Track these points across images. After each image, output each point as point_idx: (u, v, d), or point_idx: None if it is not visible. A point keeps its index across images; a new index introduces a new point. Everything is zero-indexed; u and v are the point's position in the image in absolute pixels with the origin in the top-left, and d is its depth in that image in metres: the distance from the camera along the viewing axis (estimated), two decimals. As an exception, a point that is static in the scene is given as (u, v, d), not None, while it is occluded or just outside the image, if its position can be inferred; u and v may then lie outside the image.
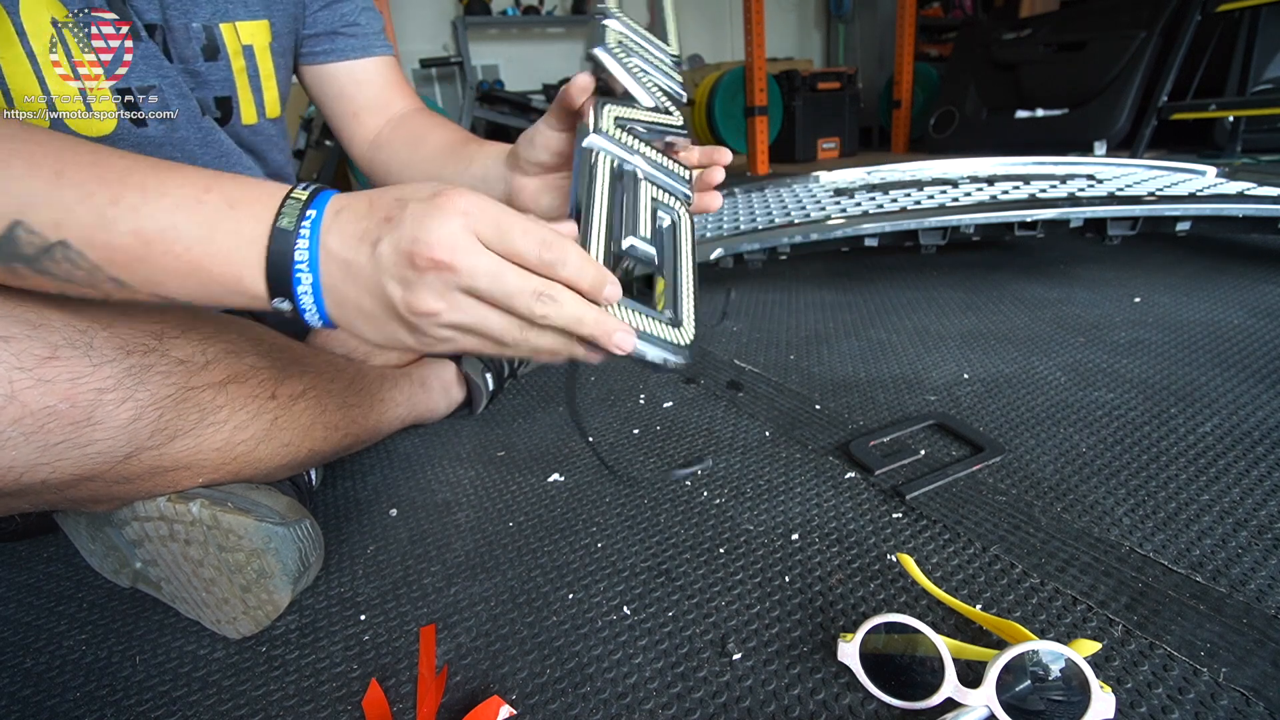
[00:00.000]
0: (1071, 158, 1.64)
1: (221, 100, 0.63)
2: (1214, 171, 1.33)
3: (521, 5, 3.79)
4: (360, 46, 0.72)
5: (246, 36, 0.62)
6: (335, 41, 0.71)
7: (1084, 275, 1.21)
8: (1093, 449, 0.63)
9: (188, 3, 0.58)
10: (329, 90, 0.74)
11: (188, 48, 0.59)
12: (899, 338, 0.96)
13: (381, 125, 0.75)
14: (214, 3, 0.59)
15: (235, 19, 0.61)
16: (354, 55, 0.72)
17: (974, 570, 0.49)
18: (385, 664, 0.45)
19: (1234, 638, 0.41)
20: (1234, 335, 0.87)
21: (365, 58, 0.73)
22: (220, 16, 0.60)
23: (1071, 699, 0.35)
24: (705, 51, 4.35)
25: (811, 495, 0.60)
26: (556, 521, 0.60)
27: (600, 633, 0.46)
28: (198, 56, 0.59)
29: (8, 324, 0.38)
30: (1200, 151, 2.25)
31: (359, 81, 0.73)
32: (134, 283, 0.37)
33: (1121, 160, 1.55)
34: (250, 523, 0.46)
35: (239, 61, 0.62)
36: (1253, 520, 0.52)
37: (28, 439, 0.37)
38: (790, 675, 0.41)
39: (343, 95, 0.73)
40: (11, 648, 0.50)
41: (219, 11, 0.60)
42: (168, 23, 0.57)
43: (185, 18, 0.58)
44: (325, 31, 0.70)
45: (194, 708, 0.43)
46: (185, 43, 0.58)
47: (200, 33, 0.59)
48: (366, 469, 0.72)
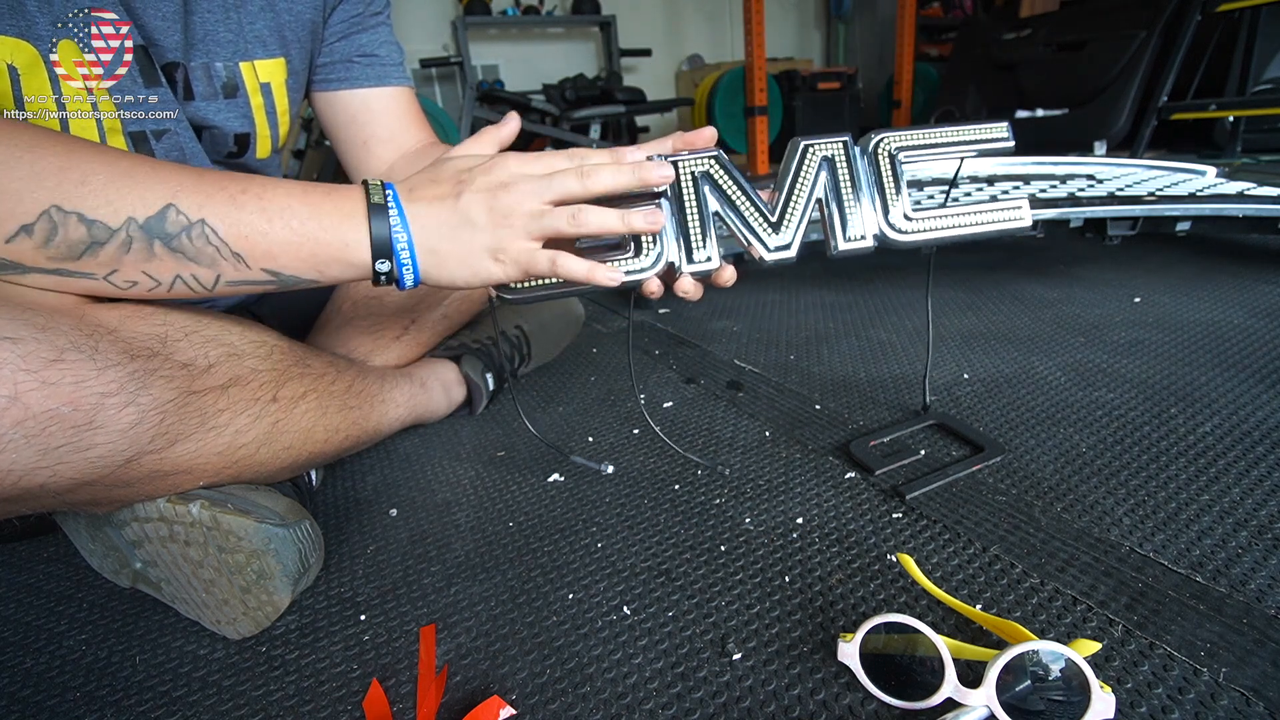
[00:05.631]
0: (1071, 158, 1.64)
1: (240, 137, 0.63)
2: (1214, 171, 1.33)
3: (521, 5, 3.79)
4: (376, 75, 0.71)
5: (265, 75, 0.62)
6: (350, 69, 0.70)
7: (1084, 275, 1.21)
8: (1093, 449, 0.63)
9: (210, 43, 0.58)
10: (340, 117, 0.72)
11: (208, 86, 0.59)
12: (899, 338, 0.96)
13: (395, 158, 0.73)
14: (234, 43, 0.59)
15: (254, 58, 0.61)
16: (369, 84, 0.71)
17: (974, 570, 0.49)
18: (385, 664, 0.45)
19: (1234, 638, 0.41)
20: (1234, 335, 0.87)
21: (381, 86, 0.71)
22: (240, 56, 0.60)
23: (1071, 699, 0.35)
24: (705, 51, 4.35)
25: (811, 495, 0.60)
26: (556, 521, 0.60)
27: (600, 633, 0.46)
28: (218, 95, 0.60)
29: (16, 326, 0.38)
30: (1200, 151, 2.24)
31: (373, 110, 0.72)
32: (252, 256, 0.44)
33: (1121, 160, 1.55)
34: (250, 524, 0.46)
35: (257, 99, 0.62)
36: (1253, 520, 0.52)
37: (29, 441, 0.37)
38: (790, 675, 0.42)
39: (354, 122, 0.72)
40: (11, 648, 0.50)
41: (239, 51, 0.60)
42: (189, 62, 0.57)
43: (207, 58, 0.58)
44: (341, 59, 0.69)
45: (194, 708, 0.43)
46: (206, 81, 0.59)
47: (221, 72, 0.59)
48: (366, 469, 0.72)
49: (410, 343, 0.76)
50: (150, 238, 0.42)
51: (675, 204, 0.51)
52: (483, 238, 0.46)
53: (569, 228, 0.47)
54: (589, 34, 4.11)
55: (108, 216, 0.41)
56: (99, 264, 0.42)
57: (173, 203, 0.42)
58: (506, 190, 0.46)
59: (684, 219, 0.51)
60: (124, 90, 0.54)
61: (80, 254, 0.41)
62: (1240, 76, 2.07)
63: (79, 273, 0.42)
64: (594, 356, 1.00)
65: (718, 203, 0.52)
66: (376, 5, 0.71)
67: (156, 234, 0.42)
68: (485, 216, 0.46)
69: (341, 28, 0.68)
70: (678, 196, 0.51)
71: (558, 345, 0.97)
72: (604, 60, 4.06)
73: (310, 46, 0.67)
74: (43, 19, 0.49)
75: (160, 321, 0.46)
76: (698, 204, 0.51)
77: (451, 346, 0.80)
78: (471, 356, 0.79)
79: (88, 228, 0.40)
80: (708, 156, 0.52)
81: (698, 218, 0.51)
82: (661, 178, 0.48)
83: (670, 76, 4.37)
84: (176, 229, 0.42)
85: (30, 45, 0.48)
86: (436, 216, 0.46)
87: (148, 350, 0.43)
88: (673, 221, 0.51)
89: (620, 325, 1.14)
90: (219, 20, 0.58)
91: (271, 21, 0.62)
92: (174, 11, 0.55)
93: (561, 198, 0.47)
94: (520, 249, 0.47)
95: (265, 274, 0.46)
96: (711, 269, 0.52)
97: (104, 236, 0.41)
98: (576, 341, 1.05)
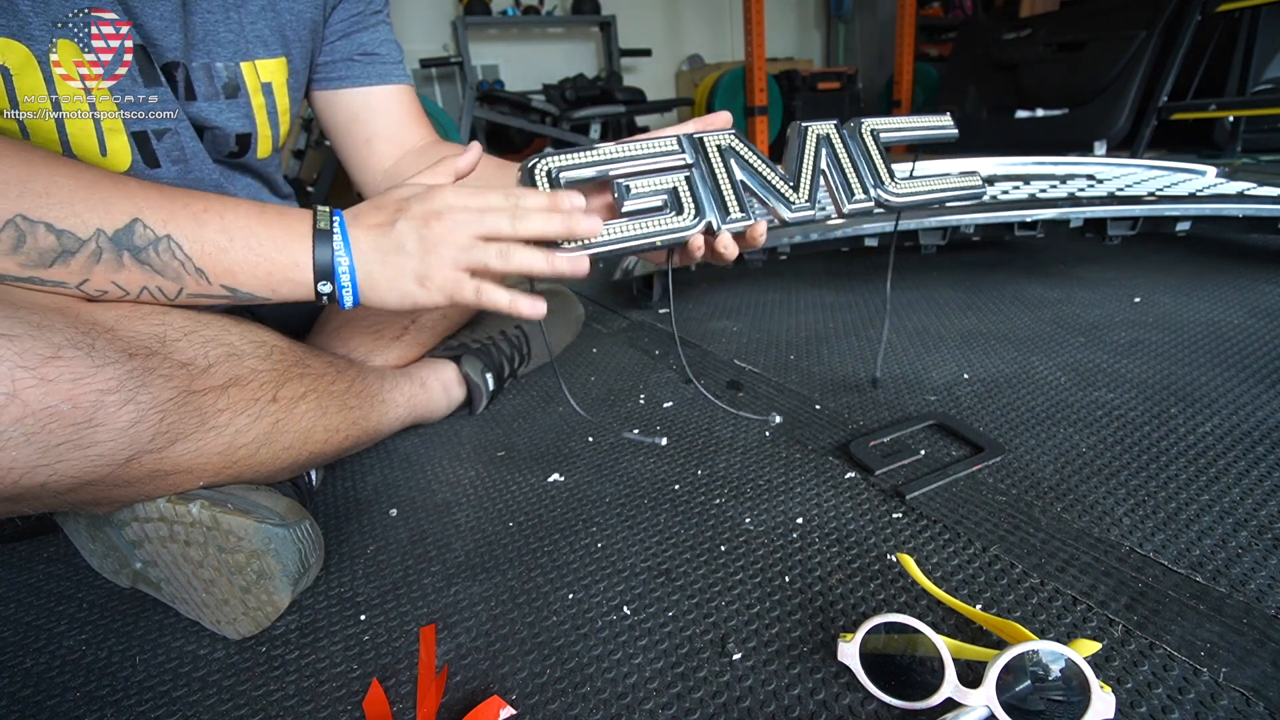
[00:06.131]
0: (1071, 158, 1.64)
1: (241, 137, 0.63)
2: (1214, 171, 1.33)
3: (521, 5, 3.79)
4: (378, 74, 0.71)
5: (266, 75, 0.62)
6: (351, 68, 0.70)
7: (1084, 275, 1.21)
8: (1093, 449, 0.63)
9: (211, 43, 0.58)
10: (341, 116, 0.72)
11: (209, 86, 0.59)
12: (899, 338, 0.96)
13: (397, 155, 0.73)
14: (236, 43, 0.59)
15: (255, 58, 0.61)
16: (370, 82, 0.71)
17: (974, 570, 0.49)
18: (385, 664, 0.45)
19: (1234, 638, 0.41)
20: (1234, 335, 0.87)
21: (382, 85, 0.71)
22: (242, 56, 0.60)
23: (1071, 699, 0.35)
24: (705, 51, 4.35)
25: (811, 495, 0.60)
26: (556, 521, 0.60)
27: (600, 633, 0.46)
28: (218, 95, 0.60)
29: (12, 323, 0.38)
30: (1200, 151, 2.24)
31: (373, 109, 0.72)
32: (213, 273, 0.46)
33: (1121, 160, 1.55)
34: (250, 524, 0.46)
35: (258, 99, 0.62)
36: (1253, 520, 0.52)
37: (29, 439, 0.37)
38: (790, 675, 0.42)
39: (356, 120, 0.72)
40: (11, 648, 0.50)
41: (240, 51, 0.60)
42: (190, 62, 0.57)
43: (209, 58, 0.58)
44: (342, 58, 0.69)
45: (194, 708, 0.43)
46: (207, 81, 0.59)
47: (222, 72, 0.59)
48: (366, 469, 0.72)
49: (410, 343, 0.76)
50: (119, 249, 0.43)
51: (707, 172, 0.56)
52: (411, 263, 0.49)
53: (497, 263, 0.49)
54: (589, 34, 4.11)
55: (75, 227, 0.42)
56: (70, 272, 0.43)
57: (139, 217, 0.43)
58: (439, 219, 0.48)
59: (717, 185, 0.56)
60: (124, 90, 0.53)
61: (51, 262, 0.42)
62: (1240, 76, 2.07)
63: (52, 280, 0.43)
64: (594, 356, 1.00)
65: (742, 172, 0.57)
66: (376, 4, 0.71)
67: (125, 246, 0.43)
68: (415, 244, 0.48)
69: (342, 26, 0.68)
70: (708, 165, 0.56)
71: (558, 345, 0.97)
72: (604, 60, 4.06)
73: (311, 45, 0.67)
74: (37, 19, 0.48)
75: (159, 321, 0.46)
76: (726, 172, 0.56)
77: (451, 346, 0.80)
78: (471, 356, 0.79)
79: (57, 237, 0.41)
80: (728, 133, 0.58)
81: (728, 182, 0.56)
82: (589, 229, 0.50)
83: (670, 77, 4.37)
84: (144, 242, 0.44)
85: (22, 45, 0.48)
86: (373, 242, 0.49)
87: (146, 349, 0.43)
88: (705, 188, 0.56)
89: (620, 325, 1.14)
90: (219, 20, 0.58)
91: (272, 21, 0.62)
92: (172, 11, 0.55)
93: (491, 234, 0.49)
94: (445, 277, 0.49)
95: (223, 289, 0.47)
96: (747, 224, 0.56)
97: (74, 246, 0.42)
98: (576, 341, 1.05)
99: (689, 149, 0.56)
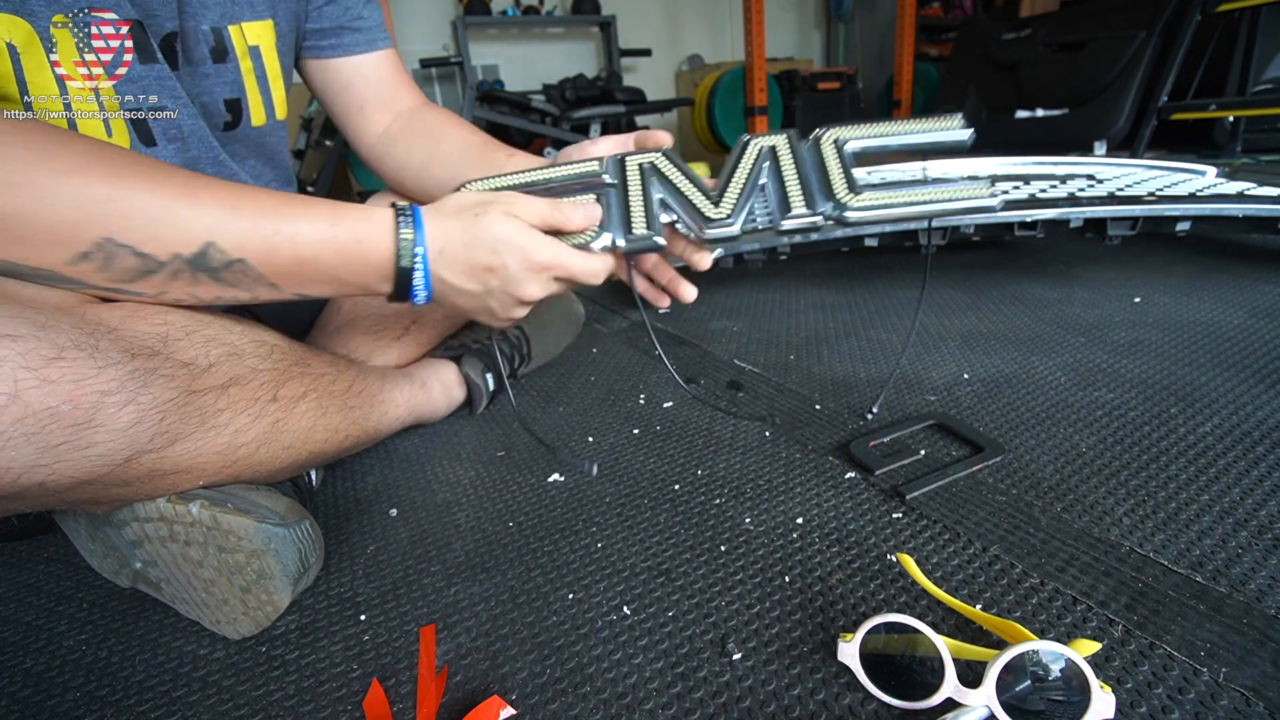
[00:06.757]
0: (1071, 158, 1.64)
1: (231, 103, 0.63)
2: (1214, 171, 1.33)
3: (521, 5, 3.79)
4: (366, 41, 0.72)
5: (253, 37, 0.62)
6: (342, 37, 0.71)
7: (1084, 275, 1.21)
8: (1093, 449, 0.63)
9: (197, 5, 0.58)
10: (333, 85, 0.74)
11: (197, 50, 0.59)
12: (899, 338, 0.96)
13: (390, 119, 0.75)
14: (221, 5, 0.59)
15: (241, 20, 0.61)
16: (360, 50, 0.72)
17: (974, 570, 0.49)
18: (385, 664, 0.45)
19: (1234, 638, 0.41)
20: (1234, 335, 0.87)
21: (371, 52, 0.73)
22: (228, 19, 0.60)
23: (1071, 699, 0.35)
24: (705, 51, 4.35)
25: (811, 495, 0.60)
26: (556, 521, 0.60)
27: (600, 633, 0.46)
28: (206, 59, 0.60)
29: (16, 324, 0.38)
30: (1200, 151, 2.24)
31: (365, 77, 0.74)
32: (286, 286, 0.49)
33: (1121, 160, 1.55)
34: (250, 524, 0.46)
35: (246, 63, 0.63)
36: (1253, 520, 0.52)
37: (28, 440, 0.37)
38: (790, 675, 0.42)
39: (349, 88, 0.74)
40: (11, 648, 0.50)
41: (226, 14, 0.60)
42: (182, 27, 0.57)
43: (195, 20, 0.58)
44: (331, 27, 0.70)
45: (194, 708, 0.43)
46: (195, 46, 0.59)
47: (209, 35, 0.59)
48: (366, 469, 0.72)
49: (410, 343, 0.76)
50: (195, 270, 0.46)
51: (621, 192, 0.57)
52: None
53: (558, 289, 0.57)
54: (589, 34, 4.11)
55: (155, 251, 0.44)
56: (151, 286, 0.46)
57: (212, 242, 0.45)
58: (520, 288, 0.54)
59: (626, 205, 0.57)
60: (125, 89, 0.54)
61: (135, 279, 0.45)
62: (1240, 76, 2.07)
63: (133, 291, 0.45)
64: (594, 356, 1.00)
65: (662, 190, 0.57)
66: None
67: (201, 268, 0.46)
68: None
69: None
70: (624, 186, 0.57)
71: (558, 345, 0.97)
72: (604, 60, 4.06)
73: (296, 9, 0.67)
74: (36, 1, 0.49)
75: (161, 321, 0.46)
76: (643, 191, 0.57)
77: (452, 346, 0.80)
78: (471, 357, 0.79)
79: (140, 259, 0.44)
80: (659, 152, 0.59)
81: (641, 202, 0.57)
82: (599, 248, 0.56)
83: (670, 77, 4.37)
84: (218, 264, 0.46)
85: (25, 22, 0.48)
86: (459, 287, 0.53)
87: (148, 349, 0.43)
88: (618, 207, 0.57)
89: (621, 325, 1.14)
90: None
91: None
92: None
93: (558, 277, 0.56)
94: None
95: (296, 295, 0.51)
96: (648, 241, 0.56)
97: (155, 267, 0.45)
98: (577, 341, 1.05)
99: (612, 170, 0.58)
